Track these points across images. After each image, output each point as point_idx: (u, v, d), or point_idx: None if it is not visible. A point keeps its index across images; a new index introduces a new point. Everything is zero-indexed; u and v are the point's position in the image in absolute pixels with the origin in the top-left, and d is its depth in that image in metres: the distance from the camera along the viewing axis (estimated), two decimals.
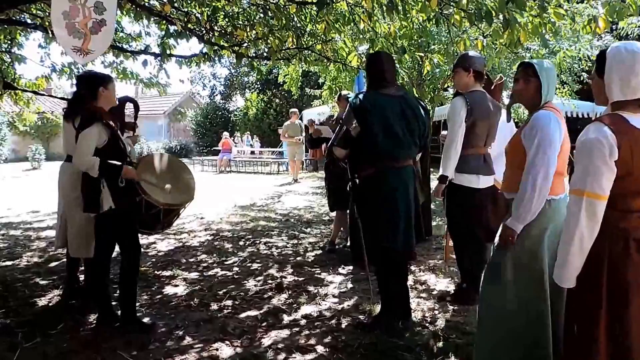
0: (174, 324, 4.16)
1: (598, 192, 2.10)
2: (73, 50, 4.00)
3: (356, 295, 4.83)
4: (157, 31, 7.76)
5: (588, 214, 2.10)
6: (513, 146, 2.92)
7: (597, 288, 2.16)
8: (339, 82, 11.87)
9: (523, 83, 2.90)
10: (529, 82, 2.88)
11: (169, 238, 7.38)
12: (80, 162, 3.75)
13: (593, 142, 2.10)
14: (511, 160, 2.95)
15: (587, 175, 2.10)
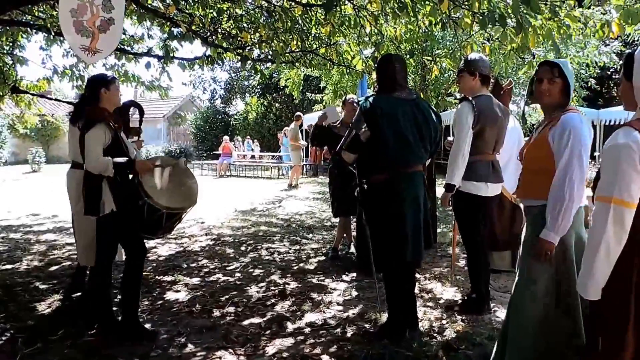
0: (176, 331, 4.07)
1: (627, 200, 2.01)
2: (81, 49, 3.94)
3: (361, 303, 4.74)
4: (160, 34, 7.72)
5: (615, 222, 2.01)
6: (536, 149, 2.84)
7: (624, 300, 2.06)
8: (341, 86, 11.84)
9: (548, 83, 2.82)
10: (554, 83, 2.81)
11: (170, 243, 7.29)
12: (93, 166, 3.65)
13: (622, 147, 2.01)
14: (532, 164, 2.86)
15: (615, 182, 2.01)
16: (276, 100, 30.92)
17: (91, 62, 4.72)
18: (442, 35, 10.22)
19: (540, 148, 2.80)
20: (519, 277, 2.89)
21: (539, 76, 2.85)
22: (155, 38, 7.90)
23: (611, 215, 2.01)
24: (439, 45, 10.23)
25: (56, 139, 28.84)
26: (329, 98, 14.27)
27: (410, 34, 6.93)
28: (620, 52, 12.42)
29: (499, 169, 4.36)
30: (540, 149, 2.80)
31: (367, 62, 7.47)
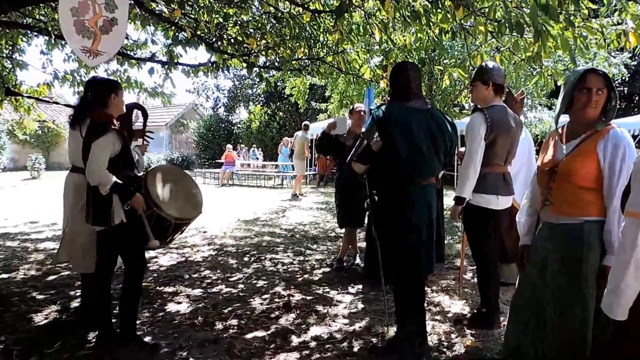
0: (178, 344, 3.93)
1: None
2: (82, 50, 3.80)
3: (367, 316, 4.60)
4: (163, 39, 7.62)
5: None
6: (582, 164, 2.64)
7: None
8: (347, 95, 11.76)
9: (596, 93, 2.66)
10: (601, 93, 2.67)
11: (172, 252, 7.16)
12: (92, 175, 3.51)
13: None
14: (577, 179, 2.65)
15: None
16: (280, 109, 30.93)
17: (93, 65, 4.58)
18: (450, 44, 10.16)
19: (590, 162, 2.62)
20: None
21: (586, 85, 2.65)
22: (158, 44, 7.82)
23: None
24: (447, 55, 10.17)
25: (57, 145, 28.70)
26: (334, 107, 14.21)
27: (419, 42, 6.84)
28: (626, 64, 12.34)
29: (510, 182, 4.23)
30: (590, 163, 2.62)
31: (375, 70, 7.37)
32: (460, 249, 6.61)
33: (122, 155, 3.62)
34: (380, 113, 3.63)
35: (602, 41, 5.01)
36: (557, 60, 9.33)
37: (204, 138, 33.17)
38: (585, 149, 2.66)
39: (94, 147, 3.50)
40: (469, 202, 4.04)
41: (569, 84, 2.71)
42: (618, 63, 11.11)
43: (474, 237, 4.24)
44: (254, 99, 35.10)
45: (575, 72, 2.72)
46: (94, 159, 3.49)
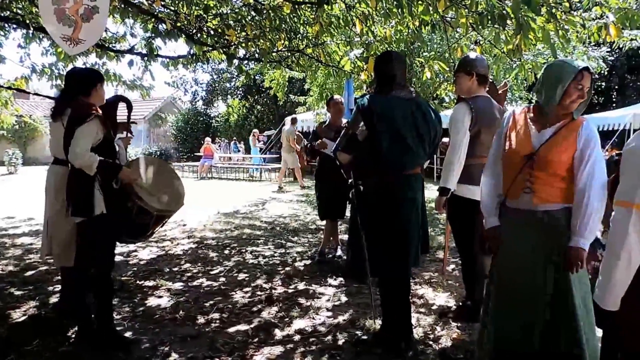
0: (159, 339, 3.87)
1: None
2: (62, 39, 3.72)
3: (351, 308, 4.58)
4: (142, 32, 7.49)
5: (637, 228, 1.88)
6: (563, 154, 2.69)
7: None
8: (327, 88, 11.72)
9: (584, 90, 2.73)
10: (588, 92, 2.75)
11: (151, 246, 7.07)
12: (76, 158, 3.43)
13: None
14: (557, 169, 2.71)
15: (637, 187, 1.88)
16: (258, 102, 30.78)
17: (73, 53, 4.49)
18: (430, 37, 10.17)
19: (568, 152, 2.69)
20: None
21: (582, 82, 2.70)
22: (137, 37, 7.67)
23: (633, 221, 1.89)
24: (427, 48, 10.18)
25: (34, 140, 28.20)
26: (313, 100, 14.15)
27: (399, 35, 6.83)
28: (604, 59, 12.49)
29: None
30: (568, 153, 2.69)
31: (356, 63, 7.35)
32: (442, 241, 6.65)
33: (104, 144, 3.54)
34: (365, 102, 3.60)
35: (582, 35, 5.04)
36: (537, 54, 9.39)
37: (182, 132, 32.87)
38: (565, 139, 2.70)
39: (77, 132, 3.42)
40: (454, 193, 4.03)
41: (565, 76, 2.69)
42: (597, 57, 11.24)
43: (459, 228, 4.24)
44: (232, 93, 34.89)
45: (571, 67, 2.71)
46: (77, 143, 3.41)
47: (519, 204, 2.81)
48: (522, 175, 2.79)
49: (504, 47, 5.44)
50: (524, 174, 2.79)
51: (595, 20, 4.90)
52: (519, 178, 2.79)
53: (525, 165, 2.77)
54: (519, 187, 2.80)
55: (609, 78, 22.34)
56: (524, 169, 2.78)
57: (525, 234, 2.82)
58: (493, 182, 3.01)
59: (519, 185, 2.80)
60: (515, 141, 2.84)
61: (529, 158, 2.75)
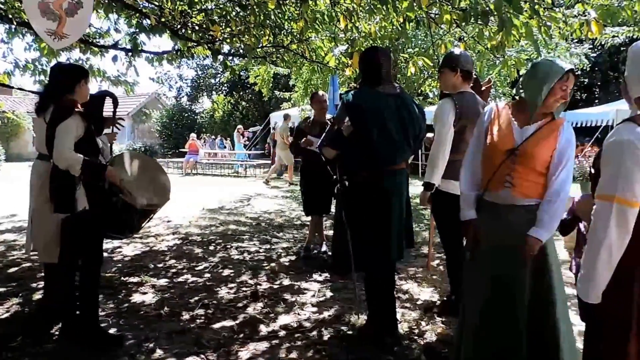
0: (144, 336, 3.86)
1: (630, 199, 1.90)
2: (47, 33, 3.69)
3: (336, 304, 4.60)
4: (127, 28, 7.43)
5: (619, 222, 1.91)
6: (544, 151, 2.75)
7: (627, 302, 1.96)
8: (312, 84, 11.73)
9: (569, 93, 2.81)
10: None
11: (135, 242, 7.03)
12: (60, 158, 3.40)
13: (626, 144, 1.90)
14: (538, 165, 2.76)
15: (618, 180, 1.91)
16: (243, 99, 30.71)
17: (58, 48, 4.47)
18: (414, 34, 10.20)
19: (548, 150, 2.75)
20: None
21: (567, 84, 2.76)
22: (122, 32, 7.61)
23: (614, 215, 1.91)
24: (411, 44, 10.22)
25: (16, 137, 27.89)
26: (298, 96, 14.16)
27: (384, 31, 6.85)
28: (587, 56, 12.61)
29: None
30: (548, 150, 2.75)
31: (340, 59, 7.35)
32: (427, 236, 6.68)
33: (86, 140, 3.52)
34: (350, 98, 3.61)
35: (565, 31, 5.09)
36: (520, 50, 9.47)
37: (167, 128, 32.71)
38: (547, 138, 2.76)
39: (58, 130, 3.40)
40: (438, 189, 4.05)
41: (552, 76, 2.72)
42: (579, 54, 11.34)
43: (443, 223, 4.26)
44: (217, 89, 34.79)
45: (558, 67, 2.75)
46: (59, 142, 3.39)
47: (498, 198, 2.84)
48: (502, 170, 2.81)
49: (487, 44, 5.48)
50: (504, 168, 2.81)
51: (577, 17, 4.95)
52: (500, 172, 2.81)
53: (506, 159, 2.80)
54: (499, 181, 2.83)
55: (591, 74, 22.57)
56: (505, 163, 2.80)
57: (503, 227, 2.84)
58: (472, 175, 3.03)
59: (499, 179, 2.82)
60: (497, 135, 2.86)
61: (511, 153, 2.78)
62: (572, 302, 4.47)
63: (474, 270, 2.97)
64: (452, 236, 4.16)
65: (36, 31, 4.02)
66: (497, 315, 2.80)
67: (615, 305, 1.99)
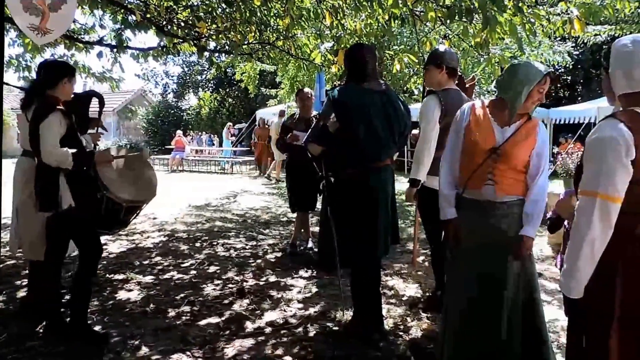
0: (129, 333, 3.85)
1: (613, 194, 1.93)
2: (30, 28, 3.65)
3: (322, 300, 4.62)
4: (112, 24, 7.39)
5: (601, 217, 1.94)
6: (524, 150, 2.83)
7: (609, 296, 1.99)
8: (298, 81, 11.73)
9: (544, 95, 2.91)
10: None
11: (121, 239, 7.00)
12: (49, 156, 3.38)
13: (608, 140, 1.94)
14: (519, 163, 2.84)
15: (600, 176, 1.94)
16: (230, 95, 30.61)
17: (41, 43, 4.41)
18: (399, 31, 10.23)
19: (527, 150, 2.83)
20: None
21: (544, 86, 2.82)
22: (107, 28, 7.56)
23: (597, 211, 1.94)
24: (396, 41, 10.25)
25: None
26: (284, 93, 14.15)
27: (369, 28, 6.88)
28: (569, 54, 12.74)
29: None
30: (527, 150, 2.83)
31: (326, 55, 7.37)
32: (412, 232, 6.72)
33: (69, 136, 3.49)
34: (336, 94, 3.62)
35: (548, 29, 5.15)
36: (504, 48, 9.53)
37: (153, 124, 32.52)
38: (527, 138, 2.85)
39: (41, 128, 3.37)
40: (424, 185, 4.08)
41: (531, 79, 2.76)
42: (562, 51, 11.45)
43: (429, 219, 4.28)
44: (204, 85, 34.65)
45: (538, 71, 2.78)
46: (45, 140, 3.36)
47: (480, 195, 2.88)
48: (484, 168, 2.86)
49: (471, 41, 5.52)
50: (486, 167, 2.85)
51: (560, 14, 5.01)
52: (481, 170, 2.86)
53: (488, 158, 2.84)
54: (480, 179, 2.87)
55: (574, 72, 22.81)
56: (486, 162, 2.85)
57: (485, 224, 2.89)
58: (451, 174, 3.07)
59: (481, 177, 2.87)
60: (478, 135, 2.89)
61: (493, 152, 2.83)
62: (556, 297, 4.57)
63: (457, 269, 3.01)
64: (437, 232, 4.19)
65: (19, 26, 3.98)
66: (480, 314, 2.85)
67: (598, 300, 2.02)
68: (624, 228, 1.97)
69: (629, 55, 2.00)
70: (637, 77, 1.99)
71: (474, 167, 2.87)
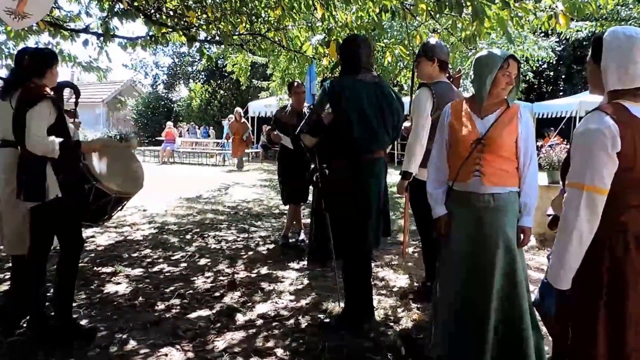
0: (117, 327, 3.80)
1: (599, 186, 1.94)
2: (6, 12, 3.48)
3: (314, 292, 4.60)
4: (98, 12, 7.28)
5: (588, 208, 1.95)
6: (509, 137, 2.84)
7: (596, 286, 2.01)
8: (289, 73, 11.66)
9: (513, 76, 2.90)
10: (515, 77, 2.95)
11: (109, 231, 6.95)
12: (35, 145, 3.30)
13: (594, 132, 1.94)
14: (505, 152, 2.85)
15: (587, 168, 1.95)
16: (221, 87, 30.44)
17: (18, 28, 4.22)
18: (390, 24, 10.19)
19: (512, 135, 2.85)
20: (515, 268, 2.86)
21: (509, 70, 2.82)
22: (93, 16, 7.44)
23: (584, 202, 1.95)
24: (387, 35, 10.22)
25: None
26: (276, 85, 14.07)
27: (360, 21, 6.84)
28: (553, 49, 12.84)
29: None
30: (512, 136, 2.85)
31: (317, 48, 7.32)
32: (402, 224, 6.71)
33: (57, 125, 3.43)
34: (332, 85, 3.61)
35: (534, 24, 5.19)
36: (492, 43, 9.55)
37: (143, 116, 32.31)
38: (509, 124, 2.85)
39: (29, 117, 3.29)
40: (415, 177, 4.07)
41: (492, 65, 2.80)
42: (546, 47, 11.53)
43: (419, 211, 4.27)
44: (194, 77, 34.45)
45: (496, 56, 2.83)
46: (32, 129, 3.28)
47: (468, 187, 2.89)
48: (470, 160, 2.87)
49: (460, 35, 5.52)
50: (472, 159, 2.87)
51: (545, 10, 5.05)
52: (468, 162, 2.87)
53: (474, 150, 2.86)
54: (468, 171, 2.88)
55: (556, 67, 23.13)
56: (472, 154, 2.86)
57: (471, 216, 2.90)
58: (438, 172, 3.08)
59: (468, 169, 2.88)
60: (461, 129, 2.92)
61: (478, 143, 2.84)
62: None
63: (447, 261, 3.02)
64: (428, 224, 4.18)
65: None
66: (469, 306, 2.85)
67: (585, 287, 2.03)
68: (609, 217, 1.98)
69: (625, 52, 1.98)
70: (631, 73, 1.98)
71: (461, 160, 2.89)
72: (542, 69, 21.13)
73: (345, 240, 3.69)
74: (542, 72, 22.85)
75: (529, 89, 21.83)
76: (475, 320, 2.83)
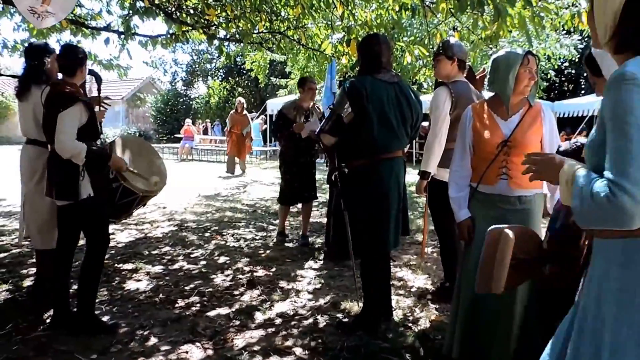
0: (138, 324, 3.84)
1: None
2: (29, 11, 3.52)
3: (332, 291, 4.60)
4: (119, 10, 7.35)
5: None
6: (535, 136, 2.85)
7: None
8: (308, 71, 11.66)
9: (534, 72, 2.86)
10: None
11: (130, 228, 7.02)
12: (63, 148, 3.33)
13: None
14: (528, 150, 2.72)
15: None
16: (239, 85, 30.56)
17: (41, 27, 4.22)
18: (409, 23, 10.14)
19: (537, 135, 2.85)
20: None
21: (530, 66, 2.81)
22: (114, 14, 7.51)
23: None
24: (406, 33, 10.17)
25: (6, 119, 27.23)
26: (295, 83, 14.07)
27: (380, 19, 6.82)
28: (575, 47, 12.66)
29: None
30: (537, 136, 2.85)
31: (337, 46, 7.32)
32: (421, 223, 6.69)
33: (89, 126, 3.47)
34: (351, 85, 3.61)
35: (557, 22, 5.13)
36: (512, 41, 9.46)
37: (161, 113, 32.55)
38: (533, 124, 2.85)
39: (60, 119, 3.32)
40: (434, 177, 4.07)
41: (512, 63, 2.80)
42: (569, 45, 11.36)
43: (438, 211, 4.27)
44: (213, 74, 34.65)
45: (516, 53, 2.84)
46: (62, 131, 3.32)
47: (494, 189, 2.88)
48: (496, 163, 2.86)
49: (481, 34, 5.48)
50: (498, 162, 2.85)
51: (568, 8, 4.99)
52: (494, 165, 2.85)
53: (499, 152, 2.84)
54: (494, 174, 2.86)
55: (579, 65, 22.80)
56: (498, 157, 2.85)
57: (499, 218, 2.85)
58: (461, 175, 3.06)
59: (494, 172, 2.86)
60: (485, 131, 2.90)
61: (504, 145, 2.83)
62: None
63: (468, 263, 2.98)
64: (446, 224, 4.17)
65: (18, 9, 3.84)
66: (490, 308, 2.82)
67: None
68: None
69: None
70: None
71: (487, 163, 2.86)
72: (563, 67, 20.88)
73: (364, 240, 3.69)
74: (564, 70, 22.59)
75: (550, 87, 21.59)
76: (495, 322, 2.82)
